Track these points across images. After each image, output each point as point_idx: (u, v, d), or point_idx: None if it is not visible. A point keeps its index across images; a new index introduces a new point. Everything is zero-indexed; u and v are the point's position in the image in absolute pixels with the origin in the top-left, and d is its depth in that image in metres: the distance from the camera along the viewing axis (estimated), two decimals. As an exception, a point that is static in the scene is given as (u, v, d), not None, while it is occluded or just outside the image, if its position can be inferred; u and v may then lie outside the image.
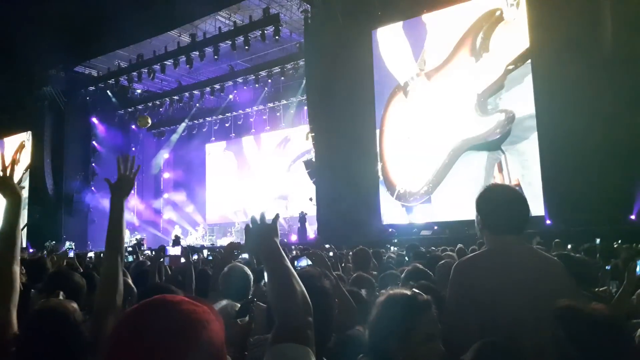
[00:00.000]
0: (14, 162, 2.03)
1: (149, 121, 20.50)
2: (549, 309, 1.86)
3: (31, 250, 18.02)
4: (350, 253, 5.69)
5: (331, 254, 5.30)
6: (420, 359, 1.59)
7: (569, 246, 6.44)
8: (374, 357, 1.66)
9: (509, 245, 2.09)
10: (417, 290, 1.72)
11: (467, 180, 11.45)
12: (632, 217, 10.49)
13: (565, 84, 11.11)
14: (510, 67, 10.82)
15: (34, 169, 22.21)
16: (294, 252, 7.70)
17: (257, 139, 22.94)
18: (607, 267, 4.32)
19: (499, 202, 2.15)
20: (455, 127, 11.51)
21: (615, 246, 5.93)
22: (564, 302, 1.61)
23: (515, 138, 11.08)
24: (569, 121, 10.90)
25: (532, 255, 2.14)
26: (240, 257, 6.15)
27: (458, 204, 11.37)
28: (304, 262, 3.14)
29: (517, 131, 11.10)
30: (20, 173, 2.13)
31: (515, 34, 10.69)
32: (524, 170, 11.04)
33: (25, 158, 22.52)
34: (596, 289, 3.25)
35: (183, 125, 23.97)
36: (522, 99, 10.83)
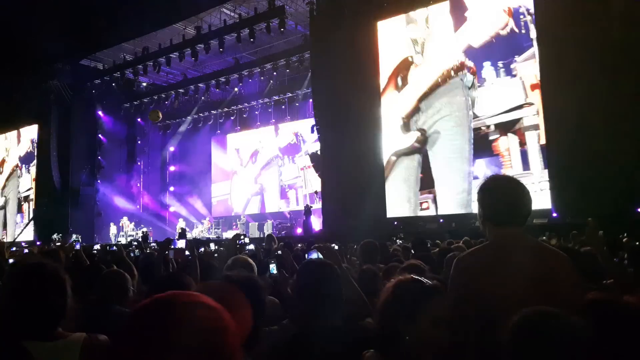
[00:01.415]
0: None
1: (160, 115, 20.52)
2: (552, 304, 1.83)
3: (38, 243, 18.17)
4: (356, 246, 5.69)
5: (336, 247, 5.30)
6: (427, 342, 1.61)
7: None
8: (383, 340, 1.68)
9: (511, 238, 2.04)
10: (425, 279, 1.76)
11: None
12: (639, 209, 10.43)
13: (571, 76, 11.03)
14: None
15: (41, 162, 22.34)
16: (299, 246, 7.71)
17: (263, 131, 22.93)
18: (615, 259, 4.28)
19: (500, 193, 2.10)
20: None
21: (625, 240, 5.83)
22: (594, 295, 1.56)
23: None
24: (576, 113, 10.82)
25: (536, 248, 2.08)
26: (246, 248, 6.17)
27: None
28: (315, 256, 3.13)
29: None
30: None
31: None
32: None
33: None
34: (604, 282, 3.20)
35: (189, 118, 23.99)
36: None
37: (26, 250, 9.89)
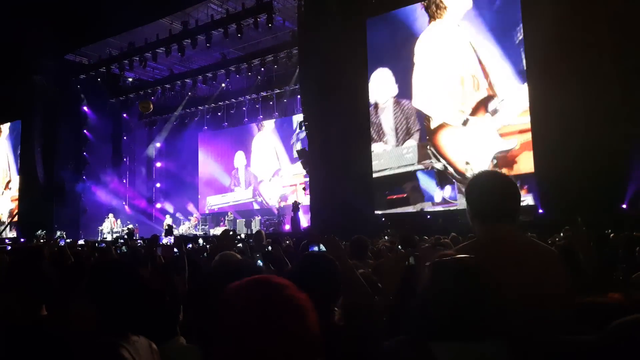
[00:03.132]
0: None
1: (151, 106, 20.37)
2: (540, 300, 1.83)
3: (22, 240, 17.96)
4: (344, 242, 5.67)
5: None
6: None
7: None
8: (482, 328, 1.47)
9: (500, 235, 2.00)
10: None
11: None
12: (624, 206, 10.57)
13: (558, 74, 11.13)
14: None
15: (25, 158, 22.04)
16: (287, 242, 7.69)
17: (250, 127, 22.83)
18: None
19: (488, 188, 2.06)
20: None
21: (612, 236, 5.88)
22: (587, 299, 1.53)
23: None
24: (562, 110, 10.92)
25: (525, 245, 2.04)
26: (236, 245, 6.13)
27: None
28: (317, 248, 3.08)
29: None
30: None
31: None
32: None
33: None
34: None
35: (175, 114, 23.79)
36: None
37: (9, 247, 9.77)
